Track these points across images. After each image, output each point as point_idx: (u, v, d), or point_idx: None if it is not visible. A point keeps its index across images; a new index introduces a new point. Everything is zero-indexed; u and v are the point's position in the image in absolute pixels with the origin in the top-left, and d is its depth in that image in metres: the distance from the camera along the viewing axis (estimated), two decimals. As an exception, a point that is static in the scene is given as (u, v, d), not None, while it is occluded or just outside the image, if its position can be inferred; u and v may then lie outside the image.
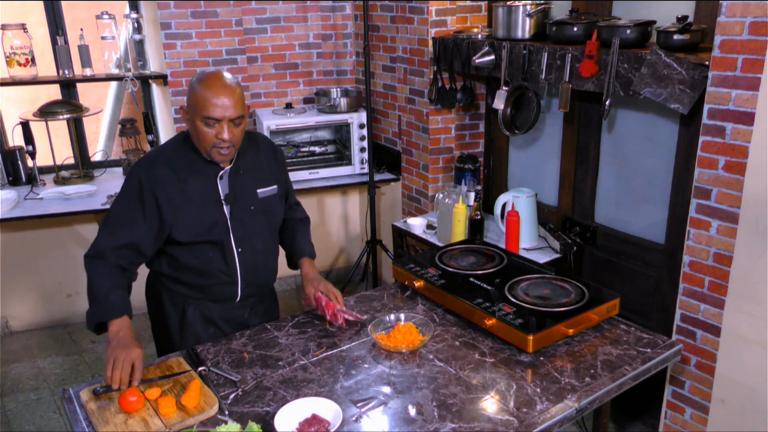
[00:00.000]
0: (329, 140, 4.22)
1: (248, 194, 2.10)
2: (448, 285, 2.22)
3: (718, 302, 2.31)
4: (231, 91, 1.89)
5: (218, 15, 3.83)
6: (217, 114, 1.87)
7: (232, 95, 1.89)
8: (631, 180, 2.90)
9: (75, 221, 3.94)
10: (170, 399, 1.70)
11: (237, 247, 2.10)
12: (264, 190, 2.14)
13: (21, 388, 3.49)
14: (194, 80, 1.93)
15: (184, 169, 2.00)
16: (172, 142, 2.08)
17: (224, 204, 2.05)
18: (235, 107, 1.90)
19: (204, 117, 1.88)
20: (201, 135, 1.92)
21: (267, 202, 2.15)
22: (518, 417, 1.66)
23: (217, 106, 1.87)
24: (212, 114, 1.87)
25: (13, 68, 3.69)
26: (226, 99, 1.88)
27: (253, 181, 2.11)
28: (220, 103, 1.87)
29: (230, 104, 1.89)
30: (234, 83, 1.92)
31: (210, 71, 1.94)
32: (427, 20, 3.42)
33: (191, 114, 1.93)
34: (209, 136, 1.91)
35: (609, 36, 2.48)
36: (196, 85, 1.90)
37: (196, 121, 1.91)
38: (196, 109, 1.89)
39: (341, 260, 4.68)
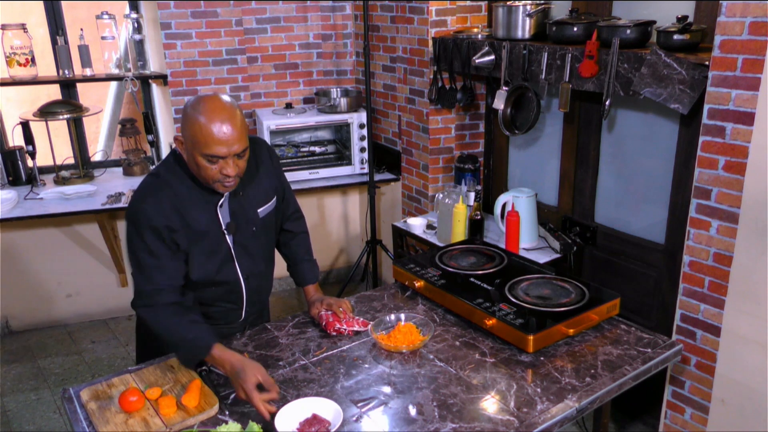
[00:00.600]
0: (329, 140, 4.22)
1: (249, 217, 1.98)
2: (448, 285, 2.22)
3: (718, 302, 2.31)
4: (234, 125, 1.71)
5: (218, 15, 3.83)
6: (221, 152, 1.71)
7: (235, 128, 1.71)
8: (631, 180, 2.90)
9: (75, 221, 3.94)
10: (170, 399, 1.70)
11: (243, 276, 2.01)
12: (264, 208, 2.02)
13: (21, 388, 3.49)
14: (191, 110, 1.72)
15: (184, 201, 1.84)
16: (165, 171, 1.87)
17: (226, 234, 1.93)
18: (240, 141, 1.73)
19: (206, 155, 1.71)
20: (203, 170, 1.75)
21: (267, 220, 2.05)
22: (518, 417, 1.66)
23: (222, 144, 1.70)
24: (216, 153, 1.70)
25: (13, 68, 3.69)
26: (231, 135, 1.70)
27: (252, 202, 1.98)
28: (225, 139, 1.69)
29: (235, 139, 1.71)
30: (234, 110, 1.73)
31: (207, 100, 1.73)
32: (427, 20, 3.42)
33: (190, 148, 1.74)
34: (213, 172, 1.75)
35: (609, 36, 2.48)
36: (195, 118, 1.70)
37: (197, 157, 1.73)
38: (197, 145, 1.71)
39: (341, 260, 4.68)
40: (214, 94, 1.78)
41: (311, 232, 2.38)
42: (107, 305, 4.18)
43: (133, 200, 1.86)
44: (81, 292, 4.13)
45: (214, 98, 1.74)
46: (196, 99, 1.75)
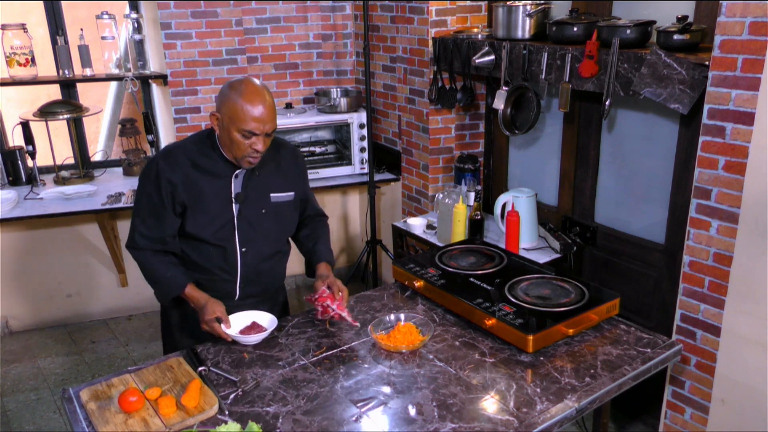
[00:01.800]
0: (329, 140, 4.22)
1: (260, 196, 2.12)
2: (448, 285, 2.22)
3: (718, 302, 2.31)
4: (270, 106, 1.94)
5: (218, 15, 3.83)
6: (257, 129, 1.92)
7: (271, 110, 1.94)
8: (631, 180, 2.90)
9: (75, 221, 3.94)
10: (170, 399, 1.70)
11: (241, 247, 2.12)
12: (278, 195, 2.16)
13: (21, 388, 3.49)
14: (231, 91, 1.94)
15: (201, 162, 2.04)
16: (194, 137, 2.12)
17: (234, 202, 2.08)
18: (272, 121, 1.95)
19: (244, 130, 1.92)
20: (236, 145, 1.96)
21: (280, 207, 2.17)
22: (518, 417, 1.66)
23: (259, 122, 1.92)
24: (253, 129, 1.92)
25: (13, 68, 3.69)
26: (266, 115, 1.93)
27: (267, 184, 2.13)
28: (261, 118, 1.92)
29: (270, 119, 1.94)
30: (268, 95, 1.96)
31: (247, 83, 1.95)
32: (427, 20, 3.42)
33: (227, 123, 1.94)
34: (244, 146, 1.95)
35: (609, 36, 2.48)
36: (236, 97, 1.91)
37: (233, 132, 1.94)
38: (235, 121, 1.92)
39: (341, 260, 4.68)
40: (247, 78, 1.99)
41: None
42: (107, 305, 4.18)
43: (153, 156, 2.14)
44: (81, 292, 4.13)
45: (251, 82, 1.96)
46: (236, 82, 1.97)
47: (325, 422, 1.65)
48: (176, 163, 2.02)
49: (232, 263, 2.13)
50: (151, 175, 2.03)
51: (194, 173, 2.03)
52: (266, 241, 2.17)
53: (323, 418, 1.67)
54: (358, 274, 4.39)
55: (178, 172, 2.01)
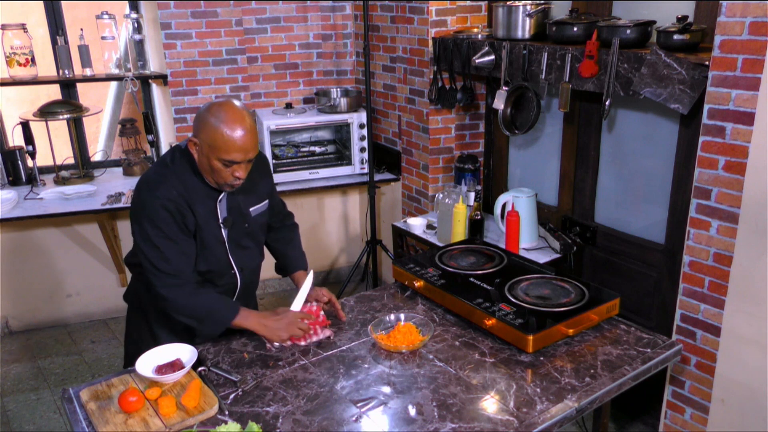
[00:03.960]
0: (329, 140, 4.22)
1: (242, 214, 2.09)
2: (448, 285, 2.22)
3: (718, 302, 2.31)
4: (251, 133, 1.85)
5: (218, 15, 3.83)
6: (239, 158, 1.85)
7: (253, 137, 1.86)
8: (631, 180, 2.90)
9: (75, 221, 3.94)
10: (170, 399, 1.70)
11: (238, 269, 2.13)
12: (255, 207, 2.13)
13: (21, 388, 3.49)
14: (210, 117, 1.84)
15: (190, 192, 1.95)
16: (172, 162, 1.97)
17: (222, 227, 2.04)
18: (254, 148, 1.88)
19: (224, 159, 1.85)
20: (217, 172, 1.89)
21: (258, 219, 2.16)
22: (518, 417, 1.66)
23: (240, 151, 1.84)
24: (234, 158, 1.85)
25: (13, 68, 3.69)
26: (248, 143, 1.85)
27: (246, 201, 2.09)
28: (244, 147, 1.84)
29: (252, 146, 1.87)
30: (249, 119, 1.87)
31: (227, 108, 1.85)
32: (427, 20, 3.42)
33: (207, 151, 1.86)
34: (225, 174, 1.89)
35: (609, 36, 2.48)
36: (216, 124, 1.82)
37: (213, 160, 1.86)
38: (215, 149, 1.84)
39: (341, 260, 4.68)
40: (228, 101, 1.89)
41: (311, 232, 2.40)
42: (107, 305, 4.18)
43: (143, 189, 1.94)
44: (81, 292, 4.13)
45: (232, 106, 1.86)
46: (215, 106, 1.86)
47: (325, 422, 1.65)
48: (171, 195, 1.91)
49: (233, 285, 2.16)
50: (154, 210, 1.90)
51: (187, 204, 1.93)
52: (252, 256, 2.19)
53: (323, 418, 1.67)
54: (358, 274, 4.39)
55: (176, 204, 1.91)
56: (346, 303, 2.29)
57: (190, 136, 1.90)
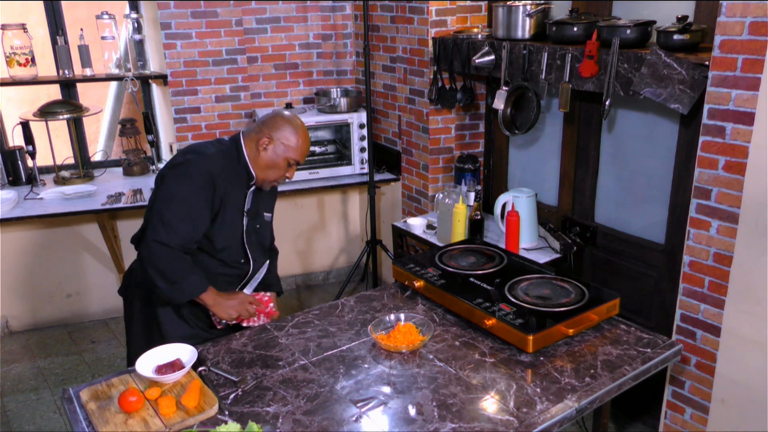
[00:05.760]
0: (329, 140, 4.22)
1: (259, 213, 2.30)
2: (448, 285, 2.22)
3: (718, 302, 2.31)
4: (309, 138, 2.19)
5: (218, 15, 3.83)
6: (302, 161, 2.19)
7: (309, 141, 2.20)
8: (631, 180, 2.90)
9: (75, 221, 3.93)
10: (170, 399, 1.70)
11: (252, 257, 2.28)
12: (267, 214, 2.35)
13: (21, 388, 3.49)
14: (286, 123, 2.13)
15: (230, 174, 2.13)
16: (221, 148, 2.15)
17: (245, 216, 2.22)
18: None
19: (293, 159, 2.14)
20: (276, 169, 2.15)
21: (267, 225, 2.36)
22: (518, 417, 1.66)
23: (304, 155, 2.18)
24: (299, 159, 2.16)
25: (13, 68, 3.69)
26: (308, 150, 2.20)
27: (264, 205, 2.32)
28: (305, 153, 2.18)
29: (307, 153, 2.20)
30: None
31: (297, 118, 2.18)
32: (427, 20, 3.42)
33: (280, 150, 2.13)
34: (280, 173, 2.17)
35: (609, 36, 2.48)
36: (293, 129, 2.13)
37: (281, 158, 2.13)
38: (289, 150, 2.13)
39: (341, 260, 4.68)
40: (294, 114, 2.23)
41: (311, 232, 2.45)
42: (107, 305, 4.17)
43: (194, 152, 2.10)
44: (81, 292, 4.13)
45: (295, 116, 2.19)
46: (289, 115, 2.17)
47: (325, 422, 1.65)
48: (218, 170, 2.08)
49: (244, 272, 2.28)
50: (197, 175, 2.04)
51: (226, 182, 2.11)
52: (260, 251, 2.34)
53: (323, 418, 1.67)
54: (358, 274, 4.39)
55: (219, 179, 2.07)
56: (346, 303, 2.29)
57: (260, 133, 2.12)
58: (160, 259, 2.03)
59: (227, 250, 2.19)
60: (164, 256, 2.03)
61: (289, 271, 4.52)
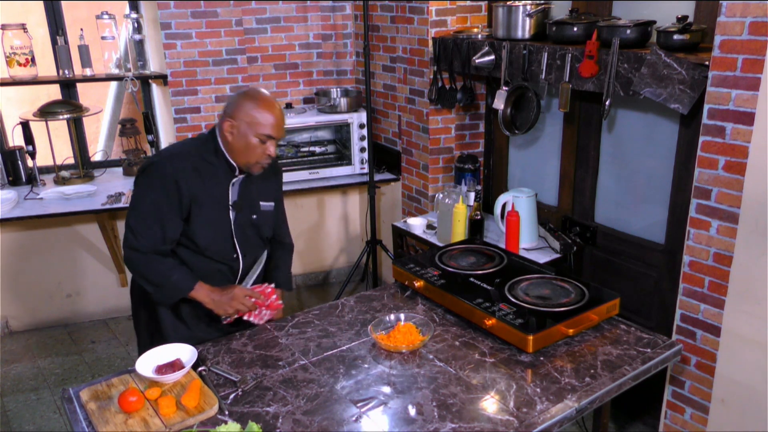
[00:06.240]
0: (329, 140, 4.22)
1: (252, 204, 2.21)
2: (448, 285, 2.22)
3: (718, 302, 2.31)
4: (282, 113, 2.08)
5: (218, 15, 3.83)
6: (275, 133, 2.04)
7: (283, 117, 2.09)
8: (631, 180, 2.90)
9: (75, 221, 3.93)
10: (170, 399, 1.70)
11: (241, 254, 2.21)
12: (265, 204, 2.25)
13: (21, 388, 3.49)
14: (245, 99, 2.04)
15: (204, 169, 2.07)
16: (195, 143, 2.14)
17: (231, 210, 2.14)
18: (283, 129, 2.09)
19: (262, 134, 2.02)
20: (251, 150, 2.04)
21: (265, 215, 2.26)
22: (518, 417, 1.66)
23: (276, 126, 2.04)
24: (274, 134, 2.04)
25: (13, 68, 3.69)
26: (281, 120, 2.06)
27: (258, 193, 2.22)
28: (278, 123, 2.04)
29: (283, 125, 2.07)
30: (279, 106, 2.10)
31: (258, 91, 2.07)
32: (427, 20, 3.42)
33: (245, 129, 2.02)
34: (258, 152, 2.05)
35: (609, 36, 2.48)
36: (253, 104, 2.02)
37: (250, 137, 2.02)
38: (255, 126, 2.01)
39: (341, 260, 4.68)
40: (258, 88, 2.12)
41: (311, 232, 2.41)
42: (107, 305, 4.18)
43: (160, 154, 2.12)
44: (81, 292, 4.13)
45: (263, 91, 2.09)
46: (249, 91, 2.07)
47: (325, 422, 1.65)
48: (184, 167, 2.04)
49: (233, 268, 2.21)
50: (157, 179, 2.03)
51: (196, 179, 2.05)
52: (257, 245, 2.27)
53: (323, 418, 1.67)
54: (358, 274, 4.39)
55: (185, 177, 2.03)
56: (346, 303, 2.29)
57: (223, 119, 2.05)
58: (137, 264, 2.08)
59: (214, 247, 2.14)
60: (140, 262, 2.07)
61: (289, 271, 4.51)
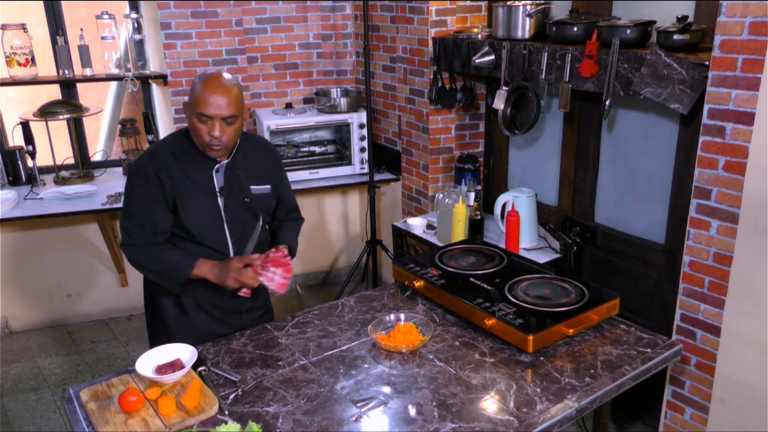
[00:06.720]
0: (329, 140, 4.22)
1: (242, 188, 2.17)
2: (448, 285, 2.22)
3: (718, 302, 2.31)
4: (226, 91, 1.97)
5: (218, 15, 3.83)
6: (210, 112, 1.96)
7: (227, 95, 1.97)
8: (631, 180, 2.90)
9: (75, 221, 3.93)
10: (170, 399, 1.70)
11: (231, 237, 2.18)
12: (257, 187, 2.21)
13: (21, 388, 3.49)
14: (196, 78, 2.03)
15: (184, 159, 2.09)
16: (173, 136, 2.17)
17: (219, 196, 2.13)
18: (229, 107, 1.97)
19: (198, 114, 1.97)
20: (196, 132, 2.01)
21: (260, 199, 2.22)
22: (518, 417, 1.66)
23: (212, 105, 1.95)
24: (206, 111, 1.96)
25: (13, 68, 3.69)
26: (221, 98, 1.96)
27: (246, 177, 2.19)
28: (214, 101, 1.95)
29: (224, 103, 1.96)
30: (231, 83, 2.01)
31: (212, 71, 2.04)
32: (427, 20, 3.42)
33: (189, 111, 2.02)
34: (203, 133, 2.00)
35: (609, 36, 2.48)
36: (196, 83, 2.00)
37: (193, 118, 2.00)
38: (193, 105, 1.99)
39: (341, 260, 4.68)
40: (219, 70, 2.07)
41: (311, 232, 2.40)
42: (107, 305, 4.18)
43: (136, 158, 2.16)
44: (81, 292, 4.13)
45: (217, 71, 2.04)
46: (204, 71, 2.05)
47: (325, 422, 1.65)
48: (162, 161, 2.07)
49: (226, 253, 2.18)
50: (140, 176, 2.07)
51: (178, 170, 2.07)
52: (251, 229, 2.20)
53: (323, 418, 1.67)
54: (358, 274, 4.39)
55: (164, 170, 2.05)
56: (346, 303, 2.29)
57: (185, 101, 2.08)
58: (137, 258, 2.11)
59: (207, 234, 2.13)
60: (139, 255, 2.11)
61: (289, 271, 4.51)
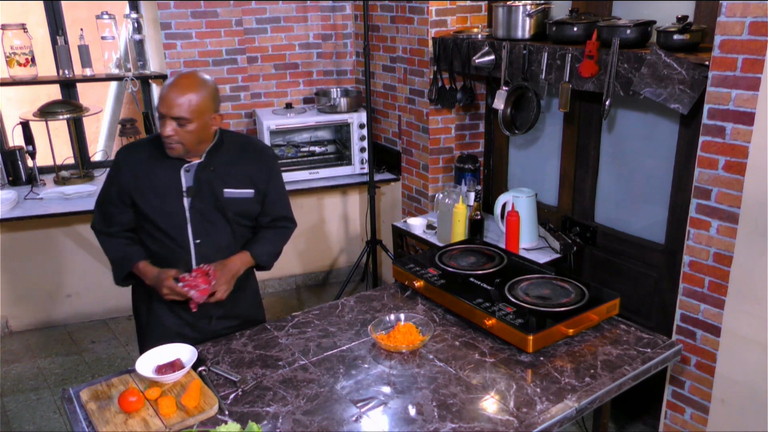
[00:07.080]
0: (329, 140, 4.22)
1: (213, 190, 2.12)
2: (448, 285, 2.22)
3: (718, 302, 2.31)
4: (182, 92, 1.96)
5: (218, 15, 3.83)
6: (162, 110, 1.98)
7: (181, 95, 1.96)
8: (631, 180, 2.90)
9: (75, 221, 3.93)
10: (170, 399, 1.70)
11: (195, 239, 2.13)
12: (233, 190, 2.14)
13: (21, 388, 3.49)
14: None
15: (157, 156, 2.11)
16: (152, 136, 2.21)
17: (185, 196, 2.11)
18: (179, 108, 1.96)
19: (158, 111, 2.01)
20: (160, 129, 2.03)
21: (235, 203, 2.15)
22: (518, 417, 1.66)
23: (164, 103, 1.97)
24: (160, 108, 1.99)
25: (13, 68, 3.69)
26: (175, 99, 1.95)
27: (221, 180, 2.12)
28: (167, 100, 1.96)
29: (175, 104, 1.95)
30: (195, 87, 1.98)
31: (188, 71, 2.07)
32: (427, 20, 3.42)
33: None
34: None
35: (609, 36, 2.48)
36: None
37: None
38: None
39: (341, 260, 4.68)
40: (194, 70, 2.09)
41: (311, 232, 2.38)
42: (107, 305, 4.18)
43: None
44: (81, 292, 4.13)
45: (192, 72, 2.05)
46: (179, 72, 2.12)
47: (325, 422, 1.65)
48: (134, 155, 2.13)
49: (188, 254, 2.14)
50: (113, 167, 2.16)
51: (148, 166, 2.11)
52: (222, 235, 2.16)
53: (323, 418, 1.67)
54: (358, 274, 4.39)
55: (132, 164, 2.11)
56: (346, 303, 2.29)
57: None
58: (99, 242, 2.26)
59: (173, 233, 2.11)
60: (100, 240, 2.25)
61: (289, 271, 4.52)
